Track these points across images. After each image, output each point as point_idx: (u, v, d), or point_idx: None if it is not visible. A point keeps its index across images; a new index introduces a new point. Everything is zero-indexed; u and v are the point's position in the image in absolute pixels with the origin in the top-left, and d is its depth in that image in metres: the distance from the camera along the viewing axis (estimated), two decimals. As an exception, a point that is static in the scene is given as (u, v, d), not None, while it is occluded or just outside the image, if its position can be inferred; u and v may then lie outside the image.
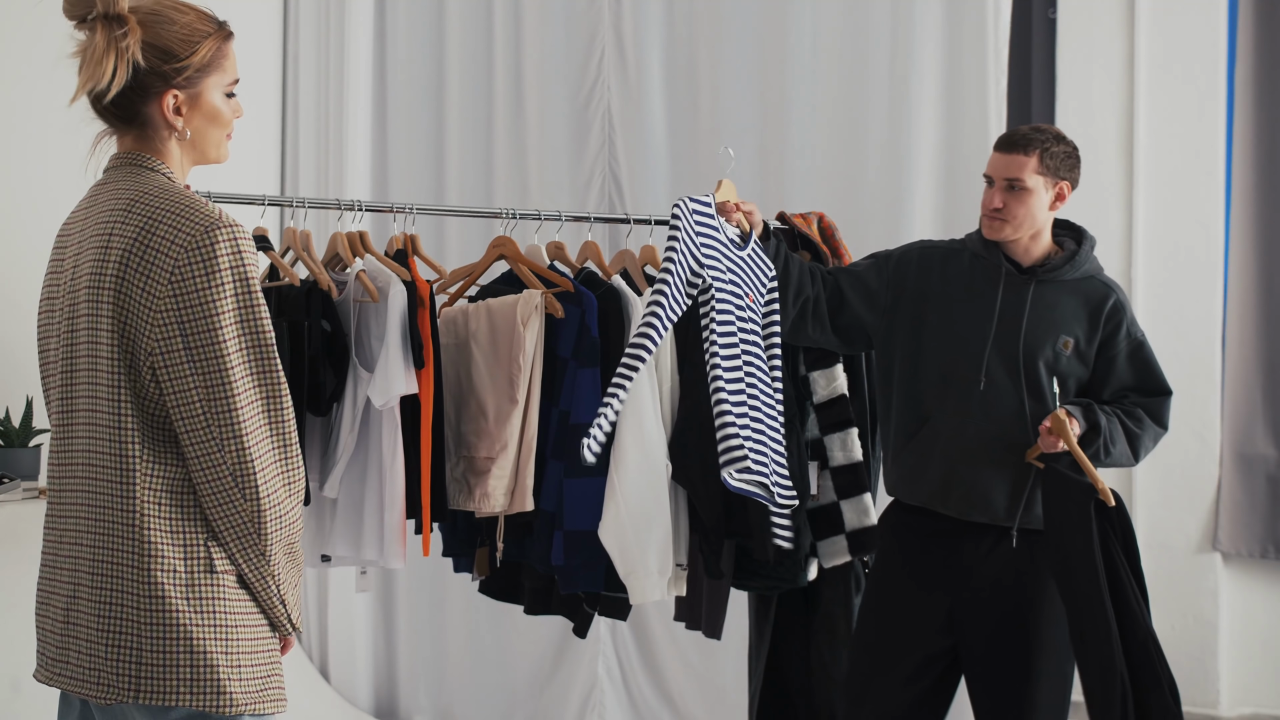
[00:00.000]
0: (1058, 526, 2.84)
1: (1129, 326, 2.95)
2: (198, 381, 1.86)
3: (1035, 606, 2.91)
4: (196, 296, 1.85)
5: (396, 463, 3.01)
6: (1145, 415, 2.94)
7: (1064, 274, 2.94)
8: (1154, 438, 2.96)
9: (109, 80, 1.89)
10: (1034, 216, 2.93)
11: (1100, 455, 2.87)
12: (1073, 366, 2.92)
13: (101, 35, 1.89)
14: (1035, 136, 2.92)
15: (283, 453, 1.91)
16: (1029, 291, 2.93)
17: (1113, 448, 2.88)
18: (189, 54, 1.95)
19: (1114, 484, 4.53)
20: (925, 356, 2.98)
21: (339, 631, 4.79)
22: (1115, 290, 2.97)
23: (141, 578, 1.87)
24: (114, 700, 1.89)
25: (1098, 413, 2.87)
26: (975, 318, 2.95)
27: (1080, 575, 2.78)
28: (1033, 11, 4.65)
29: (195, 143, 2.00)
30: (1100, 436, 2.85)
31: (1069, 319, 2.92)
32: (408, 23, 4.89)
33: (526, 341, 3.08)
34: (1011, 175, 2.90)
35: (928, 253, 3.08)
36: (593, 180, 4.65)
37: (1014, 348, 2.90)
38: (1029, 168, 2.90)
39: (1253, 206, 4.38)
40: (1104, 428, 2.86)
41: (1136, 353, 2.96)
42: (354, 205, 3.22)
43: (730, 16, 4.47)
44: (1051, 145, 2.92)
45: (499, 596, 3.37)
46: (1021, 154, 2.90)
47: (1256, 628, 4.41)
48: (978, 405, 2.91)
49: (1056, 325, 2.91)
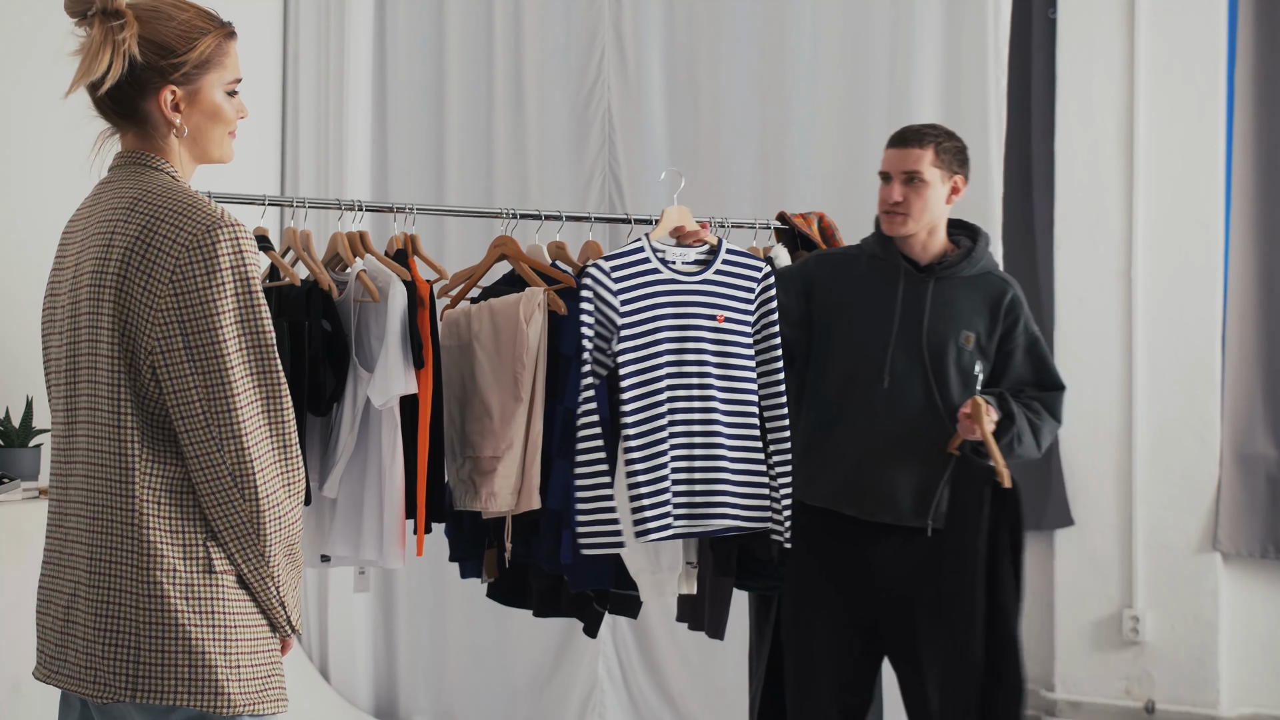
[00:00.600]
0: (958, 512, 2.89)
1: (1026, 322, 3.00)
2: (198, 381, 1.85)
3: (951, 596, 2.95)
4: (197, 296, 1.85)
5: (396, 463, 3.00)
6: (1043, 409, 2.99)
7: (961, 270, 2.98)
8: (1052, 431, 3.03)
9: (104, 72, 1.89)
10: (931, 210, 2.97)
11: (1014, 445, 2.92)
12: (975, 361, 2.96)
13: (99, 29, 1.89)
14: (929, 131, 2.99)
15: (282, 453, 1.91)
16: (929, 288, 2.97)
17: (1025, 438, 2.93)
18: (186, 50, 1.94)
19: (1114, 483, 4.54)
20: (830, 361, 3.03)
21: (339, 631, 4.79)
22: (1012, 286, 3.02)
23: (140, 577, 1.87)
24: (112, 699, 1.88)
25: (1010, 402, 2.93)
26: (876, 318, 2.99)
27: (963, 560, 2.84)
28: (1033, 11, 4.64)
29: (195, 140, 2.00)
30: (1014, 425, 2.91)
31: (969, 314, 2.97)
32: (408, 23, 4.89)
33: (530, 338, 3.07)
34: (909, 168, 2.95)
35: (825, 261, 3.13)
36: (593, 180, 4.65)
37: (917, 344, 2.94)
38: (926, 160, 2.94)
39: (1253, 206, 4.38)
40: (1017, 418, 2.92)
41: (1033, 348, 3.02)
42: (354, 205, 3.22)
43: (730, 16, 4.47)
44: (944, 140, 2.98)
45: (507, 601, 3.37)
46: (917, 148, 2.96)
47: (1256, 628, 4.42)
48: (882, 405, 2.95)
49: (957, 320, 2.96)
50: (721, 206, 4.22)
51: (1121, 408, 4.53)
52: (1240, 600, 4.42)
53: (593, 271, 2.94)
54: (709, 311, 2.95)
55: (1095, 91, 4.56)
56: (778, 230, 3.55)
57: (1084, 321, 4.58)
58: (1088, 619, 4.55)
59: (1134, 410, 4.49)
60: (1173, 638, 4.45)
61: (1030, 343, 3.01)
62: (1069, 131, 4.60)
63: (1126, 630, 4.48)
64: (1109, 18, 4.54)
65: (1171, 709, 4.42)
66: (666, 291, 2.96)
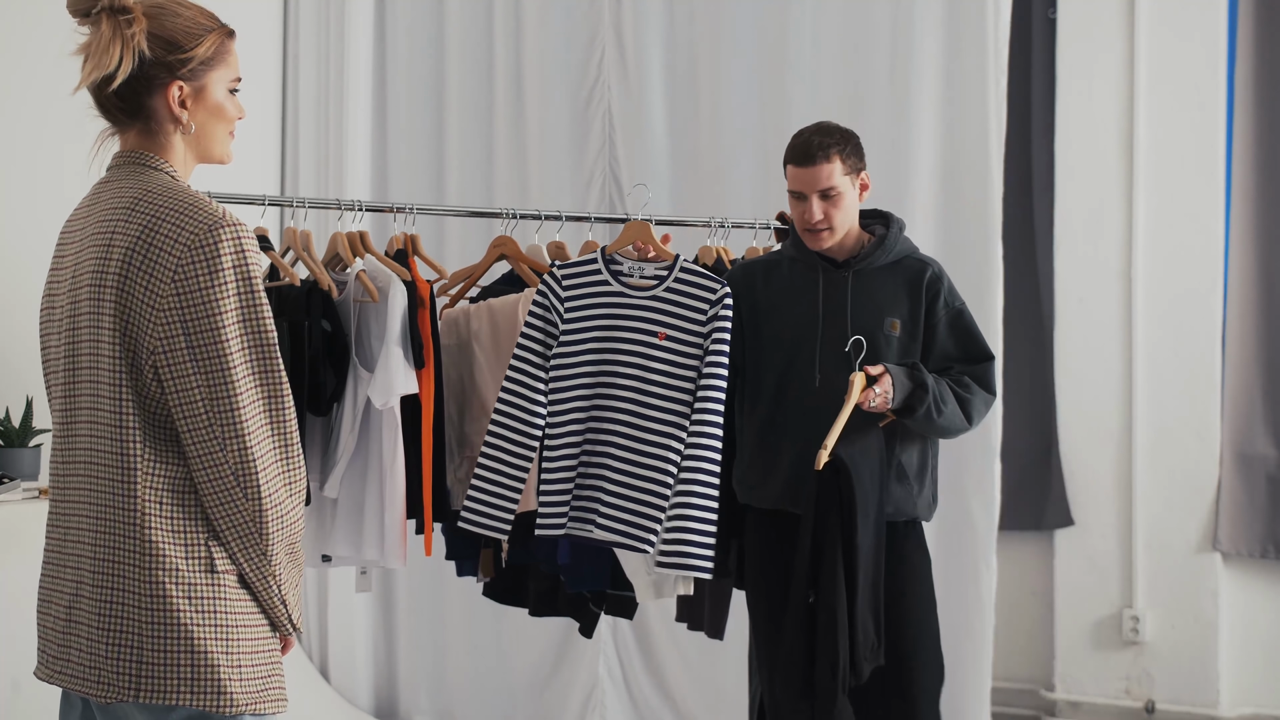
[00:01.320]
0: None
1: (946, 296, 2.98)
2: (200, 381, 1.85)
3: (904, 594, 2.94)
4: (199, 295, 1.85)
5: (397, 463, 3.01)
6: (972, 382, 2.96)
7: (878, 259, 2.98)
8: (985, 403, 2.97)
9: (115, 67, 1.90)
10: (850, 215, 2.98)
11: (933, 415, 2.87)
12: (904, 346, 2.95)
13: (107, 25, 1.90)
14: (827, 141, 2.93)
15: (284, 452, 1.91)
16: (848, 283, 2.97)
17: (944, 407, 2.89)
18: (193, 45, 1.96)
19: (1114, 483, 4.54)
20: (762, 366, 3.03)
21: (339, 631, 4.79)
22: (930, 264, 3.01)
23: (143, 577, 1.87)
24: (114, 699, 1.89)
25: (923, 372, 2.90)
26: (801, 320, 2.99)
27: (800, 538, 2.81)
28: (1033, 11, 4.65)
29: (199, 138, 2.00)
30: (929, 394, 2.86)
31: (890, 301, 2.97)
32: (408, 23, 4.89)
33: None
34: (824, 186, 2.92)
35: (749, 270, 3.12)
36: (593, 180, 4.65)
37: (843, 339, 2.93)
38: (837, 173, 2.92)
39: (1253, 206, 4.39)
40: (931, 386, 2.87)
41: (956, 321, 2.98)
42: (354, 205, 3.22)
43: (731, 16, 4.47)
44: (843, 144, 2.95)
45: (503, 600, 3.37)
46: (825, 163, 2.92)
47: (1256, 628, 4.42)
48: (816, 402, 2.93)
49: (880, 309, 2.96)
50: (721, 206, 4.22)
51: (1121, 408, 4.54)
52: (1240, 600, 4.42)
53: (546, 277, 3.01)
54: (650, 328, 2.97)
55: (1095, 91, 4.56)
56: (777, 230, 3.55)
57: (1084, 321, 4.58)
58: (1088, 619, 4.55)
59: (1134, 410, 4.49)
60: (1173, 638, 4.45)
61: (953, 317, 2.98)
62: (1069, 131, 4.60)
63: (1126, 630, 4.49)
64: (1109, 18, 4.54)
65: (1171, 709, 4.42)
66: (607, 304, 2.99)
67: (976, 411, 2.96)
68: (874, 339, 2.93)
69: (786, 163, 2.97)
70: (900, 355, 2.95)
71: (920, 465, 3.00)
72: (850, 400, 2.81)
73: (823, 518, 2.77)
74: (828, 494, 2.77)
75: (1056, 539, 4.59)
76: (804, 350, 2.98)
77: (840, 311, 2.97)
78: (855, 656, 2.76)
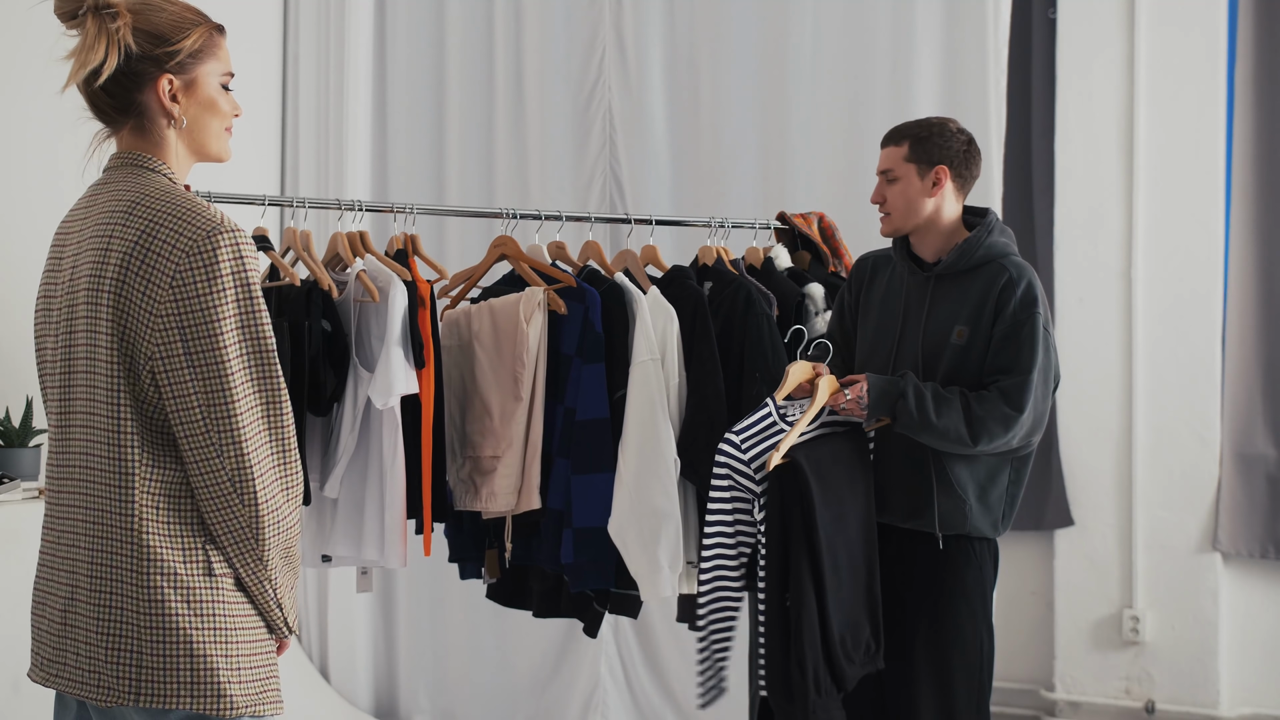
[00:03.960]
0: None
1: (1016, 307, 2.80)
2: (197, 386, 1.85)
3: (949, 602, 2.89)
4: (197, 301, 1.85)
5: (397, 463, 3.00)
6: (998, 396, 2.77)
7: (959, 264, 2.89)
8: (1002, 420, 2.75)
9: (100, 63, 1.90)
10: (913, 206, 2.90)
11: (917, 423, 2.75)
12: (965, 355, 2.84)
13: (92, 23, 1.91)
14: (909, 127, 2.94)
15: (281, 458, 1.91)
16: (929, 289, 2.93)
17: (934, 418, 2.74)
18: (180, 38, 1.96)
19: (1114, 483, 4.54)
20: (859, 362, 3.03)
21: (339, 631, 4.79)
22: (1010, 269, 2.84)
23: (140, 581, 1.87)
24: (114, 703, 1.88)
25: (907, 379, 2.78)
26: (885, 322, 2.98)
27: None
28: (1033, 11, 4.65)
29: (193, 133, 2.00)
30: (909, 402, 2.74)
31: (962, 307, 2.87)
32: (408, 23, 4.89)
33: (530, 338, 3.08)
34: (884, 166, 2.94)
35: (862, 264, 3.11)
36: (594, 180, 4.65)
37: (915, 348, 2.89)
38: (898, 156, 2.91)
39: (1253, 206, 4.38)
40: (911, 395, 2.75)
41: (1013, 333, 2.80)
42: (354, 205, 3.22)
43: (731, 17, 4.47)
44: (922, 132, 2.91)
45: (507, 603, 3.37)
46: (893, 145, 2.93)
47: (1256, 628, 4.42)
48: None
49: (953, 316, 2.88)
50: (721, 206, 4.22)
51: (1121, 408, 4.53)
52: (1240, 600, 4.42)
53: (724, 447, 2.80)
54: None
55: (1095, 91, 4.56)
56: (778, 230, 3.55)
57: (1084, 321, 4.58)
58: (1088, 619, 4.55)
59: (1134, 410, 4.49)
60: (1173, 638, 4.45)
61: (1012, 329, 2.80)
62: (1069, 131, 4.60)
63: (1126, 630, 4.48)
64: (1109, 18, 4.54)
65: (1171, 709, 4.42)
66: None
67: (985, 429, 2.76)
68: (943, 349, 2.86)
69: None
70: (960, 365, 2.84)
71: (985, 483, 2.87)
72: (815, 403, 2.77)
73: (784, 518, 2.73)
74: (789, 495, 2.73)
75: (1056, 539, 4.59)
76: (881, 350, 2.95)
77: (917, 318, 2.92)
78: (831, 656, 2.73)
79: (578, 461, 3.07)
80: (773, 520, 2.75)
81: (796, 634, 2.71)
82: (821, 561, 2.72)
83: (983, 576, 2.92)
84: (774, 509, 2.75)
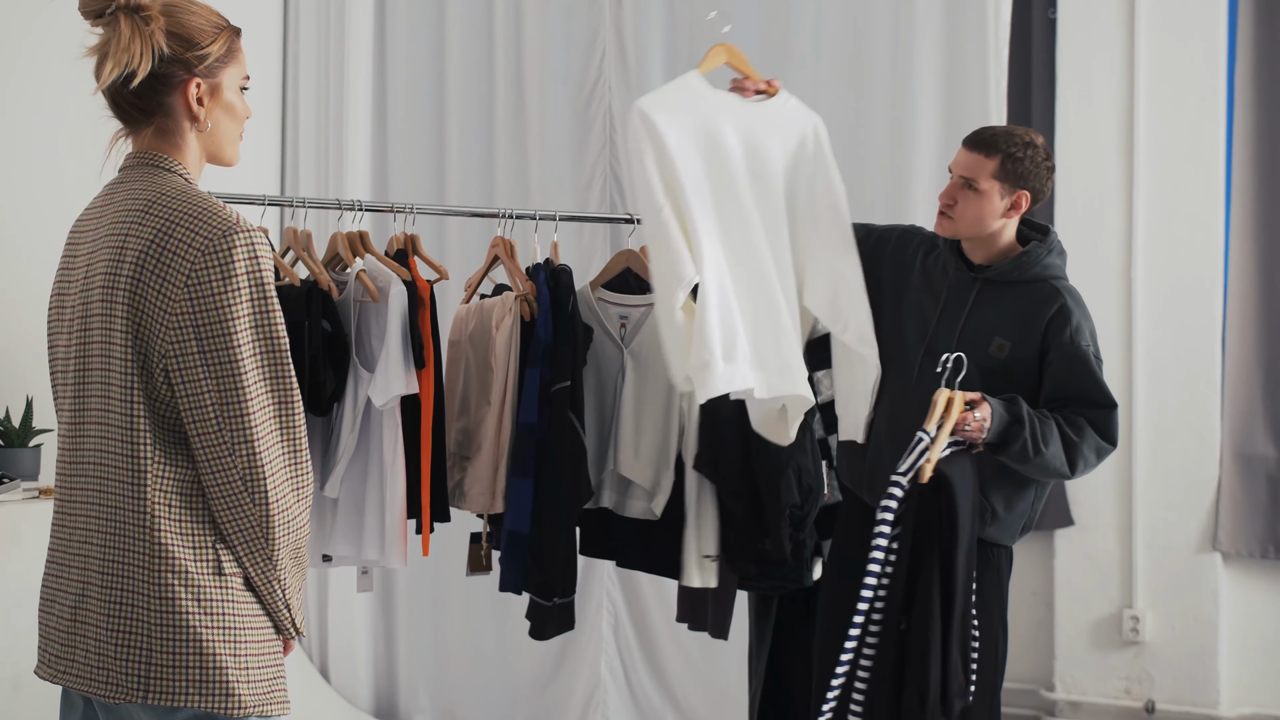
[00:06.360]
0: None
1: (1073, 331, 2.79)
2: (211, 385, 1.86)
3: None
4: (212, 300, 1.85)
5: (397, 462, 3.01)
6: (1088, 425, 2.76)
7: (1011, 274, 2.83)
8: (1096, 450, 2.77)
9: (136, 65, 1.90)
10: (983, 220, 2.83)
11: (1028, 453, 2.69)
12: (1003, 371, 2.79)
13: (125, 24, 1.90)
14: (1004, 140, 2.80)
15: (293, 458, 1.91)
16: (973, 291, 2.85)
17: (1044, 447, 2.70)
18: (209, 42, 1.96)
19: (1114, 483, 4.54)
20: (882, 331, 2.92)
21: (339, 631, 4.79)
22: (1064, 295, 2.82)
23: (152, 579, 1.88)
24: (122, 699, 1.89)
25: (1021, 406, 2.71)
26: (920, 312, 2.90)
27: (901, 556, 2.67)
28: (1033, 11, 4.65)
29: (214, 136, 2.01)
30: (1025, 429, 2.68)
31: (1007, 320, 2.81)
32: (408, 23, 4.89)
33: (497, 344, 3.11)
34: (969, 174, 2.81)
35: (908, 236, 3.01)
36: (594, 180, 4.65)
37: (948, 347, 2.78)
38: (987, 170, 2.79)
39: (1253, 206, 4.38)
40: (1028, 420, 2.69)
41: (1080, 359, 2.78)
42: (354, 205, 3.23)
43: (731, 17, 4.47)
44: (1018, 151, 2.79)
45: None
46: (984, 155, 2.80)
47: (1256, 628, 4.42)
48: (912, 399, 2.83)
49: (995, 326, 2.81)
50: (721, 206, 4.21)
51: (1121, 407, 4.52)
52: (1240, 600, 4.42)
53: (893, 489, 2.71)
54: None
55: (1095, 91, 4.56)
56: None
57: (1084, 321, 4.58)
58: (1088, 619, 4.55)
59: (1134, 410, 4.49)
60: (1173, 638, 4.45)
61: (1077, 354, 2.77)
62: (1069, 131, 4.60)
63: (1126, 630, 4.48)
64: (1109, 18, 4.54)
65: (1171, 709, 4.42)
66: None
67: (1083, 459, 2.74)
68: (975, 354, 2.76)
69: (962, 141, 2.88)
70: (992, 379, 2.77)
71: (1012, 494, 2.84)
72: (950, 419, 2.63)
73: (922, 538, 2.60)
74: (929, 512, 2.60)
75: (1056, 539, 4.59)
76: (908, 343, 2.89)
77: (955, 319, 2.85)
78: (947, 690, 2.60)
79: (511, 465, 3.10)
80: (905, 539, 2.61)
81: (921, 662, 2.57)
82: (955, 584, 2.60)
83: (1000, 580, 2.91)
84: (907, 526, 2.60)
